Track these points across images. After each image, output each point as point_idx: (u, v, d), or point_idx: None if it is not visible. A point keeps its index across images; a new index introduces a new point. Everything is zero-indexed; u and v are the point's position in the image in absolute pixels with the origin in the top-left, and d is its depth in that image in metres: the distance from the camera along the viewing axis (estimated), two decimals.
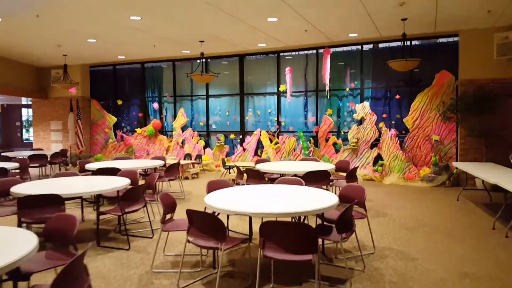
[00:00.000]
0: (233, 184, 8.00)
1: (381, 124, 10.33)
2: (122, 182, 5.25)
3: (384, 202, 7.65)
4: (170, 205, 4.39)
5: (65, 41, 10.11)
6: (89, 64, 14.03)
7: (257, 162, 8.09)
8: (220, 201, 3.98)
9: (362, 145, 10.49)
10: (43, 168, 11.10)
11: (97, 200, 5.33)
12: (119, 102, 13.89)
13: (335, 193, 4.59)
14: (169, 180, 7.67)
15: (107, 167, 6.83)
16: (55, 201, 4.32)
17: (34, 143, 15.11)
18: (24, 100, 20.52)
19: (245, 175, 7.17)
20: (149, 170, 8.01)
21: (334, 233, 3.87)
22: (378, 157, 10.34)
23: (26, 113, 22.44)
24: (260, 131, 11.78)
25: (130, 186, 5.33)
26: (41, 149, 12.80)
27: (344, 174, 7.30)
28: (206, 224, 3.61)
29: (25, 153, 11.09)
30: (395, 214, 6.65)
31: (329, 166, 6.90)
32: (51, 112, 14.57)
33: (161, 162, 7.88)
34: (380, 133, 10.33)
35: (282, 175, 6.84)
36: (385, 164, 10.16)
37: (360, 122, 10.62)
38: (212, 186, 5.16)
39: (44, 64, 13.74)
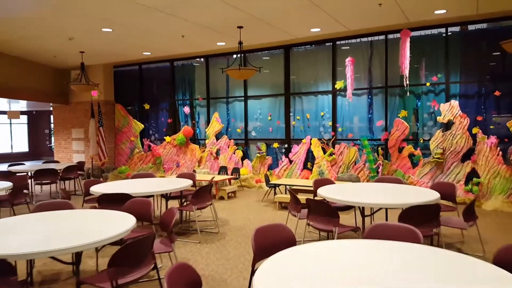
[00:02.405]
0: (281, 210, 5.81)
1: (476, 130, 7.82)
2: (116, 230, 3.19)
3: (495, 238, 5.17)
4: None
5: (76, 32, 8.34)
6: (112, 64, 12.35)
7: (316, 183, 5.88)
8: None
9: (450, 157, 8.00)
10: (55, 184, 9.37)
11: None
12: (146, 106, 12.10)
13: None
14: (198, 209, 5.59)
15: (115, 192, 4.92)
16: None
17: (55, 153, 13.64)
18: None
19: (292, 199, 5.00)
20: (171, 193, 6.02)
21: None
22: (473, 173, 7.82)
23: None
24: (311, 139, 9.54)
25: (131, 239, 3.29)
26: (56, 161, 11.17)
27: (444, 201, 5.03)
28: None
29: (30, 167, 9.41)
30: None
31: (432, 195, 4.56)
32: (72, 118, 13.01)
33: (188, 183, 5.82)
34: (474, 141, 7.82)
35: (361, 209, 4.63)
36: (483, 182, 7.63)
37: (447, 127, 8.14)
38: (262, 240, 3.04)
39: (63, 64, 12.17)
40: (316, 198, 5.91)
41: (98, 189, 5.42)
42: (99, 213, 3.93)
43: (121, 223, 3.45)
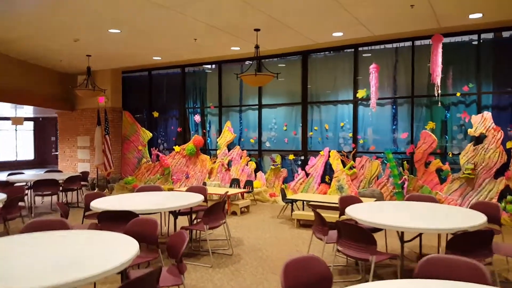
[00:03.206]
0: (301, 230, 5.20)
1: (510, 144, 7.17)
2: (116, 260, 2.61)
3: None
4: None
5: (81, 32, 7.88)
6: (121, 69, 11.90)
7: (342, 202, 5.27)
8: None
9: (482, 173, 7.34)
10: (56, 196, 8.83)
11: None
12: (155, 114, 11.60)
13: None
14: (210, 228, 4.99)
15: (117, 210, 4.37)
16: None
17: (59, 162, 13.16)
18: None
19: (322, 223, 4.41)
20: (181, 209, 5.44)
21: None
22: (507, 190, 7.16)
23: None
24: (329, 151, 8.93)
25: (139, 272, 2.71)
26: (59, 171, 10.67)
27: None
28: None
29: (30, 177, 8.89)
30: None
31: (478, 218, 3.93)
32: (78, 126, 12.54)
33: (199, 198, 5.24)
34: (509, 156, 7.16)
35: (400, 233, 4.04)
36: None
37: (478, 140, 7.49)
38: (294, 278, 2.50)
39: (69, 69, 11.75)
40: (342, 217, 5.31)
41: (99, 204, 4.86)
42: (97, 235, 3.36)
43: (122, 250, 2.88)
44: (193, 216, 5.80)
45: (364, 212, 4.25)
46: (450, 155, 7.77)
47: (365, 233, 3.73)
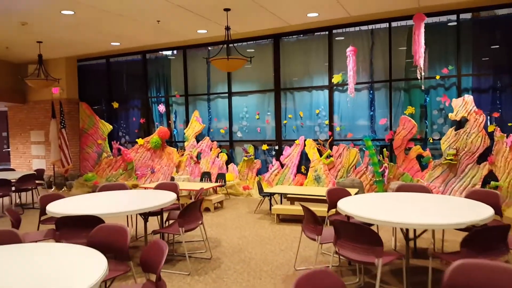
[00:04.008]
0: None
1: (492, 127, 7.01)
2: (85, 283, 2.01)
3: None
4: None
5: (29, 15, 6.94)
6: (76, 57, 10.91)
7: (331, 194, 4.85)
8: None
9: (464, 159, 7.16)
10: (8, 197, 7.90)
11: None
12: (115, 104, 10.74)
13: None
14: (186, 231, 4.41)
15: (78, 214, 3.73)
16: None
17: (12, 159, 12.05)
18: None
19: (325, 227, 3.96)
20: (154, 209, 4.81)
21: None
22: (490, 176, 7.01)
23: None
24: (305, 140, 8.52)
25: None
26: (11, 169, 9.64)
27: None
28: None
29: None
30: None
31: (486, 210, 3.60)
32: (31, 119, 11.47)
33: (172, 198, 4.63)
34: (491, 140, 7.00)
35: (405, 231, 3.65)
36: (502, 186, 6.83)
37: (460, 124, 7.30)
38: None
39: (19, 58, 10.64)
40: (331, 212, 4.90)
41: (56, 208, 4.16)
42: (55, 251, 2.70)
43: (86, 268, 2.28)
44: (164, 216, 5.20)
45: (358, 207, 3.83)
46: (431, 141, 7.55)
47: (370, 233, 3.29)
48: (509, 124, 7.03)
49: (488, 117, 7.17)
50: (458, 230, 3.79)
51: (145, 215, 4.84)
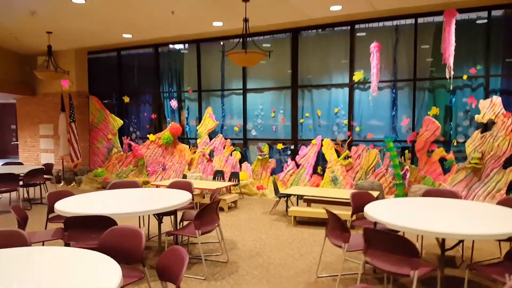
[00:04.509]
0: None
1: None
2: None
3: None
4: None
5: (39, 3, 6.70)
6: (87, 49, 10.68)
7: (355, 197, 4.56)
8: None
9: (490, 163, 6.80)
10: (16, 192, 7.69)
11: None
12: (126, 99, 10.50)
13: None
14: (203, 233, 4.13)
15: (88, 214, 3.48)
16: None
17: (20, 153, 11.88)
18: None
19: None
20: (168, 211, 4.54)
21: None
22: None
23: None
24: (322, 140, 8.20)
25: None
26: (20, 163, 9.44)
27: None
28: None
29: None
30: None
31: None
32: (40, 112, 11.27)
33: (187, 198, 4.36)
34: None
35: (441, 240, 3.36)
36: None
37: (486, 127, 6.94)
38: None
39: (28, 49, 10.43)
40: (354, 216, 4.59)
41: (65, 207, 3.91)
42: (63, 256, 2.44)
43: (99, 278, 2.01)
44: (178, 215, 4.94)
45: (389, 214, 3.53)
46: (455, 144, 7.20)
47: (405, 243, 2.99)
48: None
49: None
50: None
51: (159, 216, 4.58)
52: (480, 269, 3.25)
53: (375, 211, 3.68)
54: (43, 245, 4.01)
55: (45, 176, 8.21)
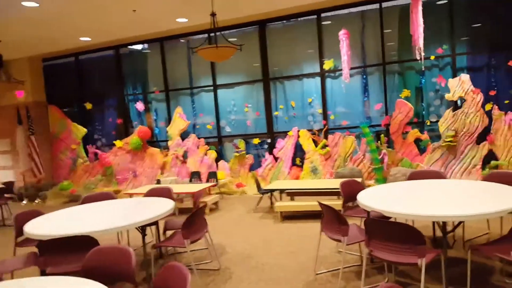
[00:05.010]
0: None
1: (490, 106, 6.81)
2: None
3: None
4: None
5: None
6: (41, 56, 10.04)
7: (345, 186, 4.48)
8: None
9: (464, 140, 6.93)
10: None
11: None
12: (88, 106, 9.98)
13: None
14: (192, 242, 3.89)
15: (65, 235, 3.19)
16: None
17: None
18: None
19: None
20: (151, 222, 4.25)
21: None
22: (490, 156, 6.82)
23: None
24: (298, 131, 8.10)
25: None
26: None
27: None
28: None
29: None
30: None
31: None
32: None
33: (170, 205, 4.10)
34: (490, 119, 6.79)
35: (441, 224, 3.34)
36: (502, 165, 6.65)
37: (456, 105, 7.06)
38: None
39: None
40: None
41: (36, 228, 3.56)
42: (43, 285, 2.16)
43: None
44: (164, 228, 4.66)
45: (384, 201, 3.47)
46: (428, 123, 7.29)
47: (410, 231, 2.90)
48: (506, 102, 6.86)
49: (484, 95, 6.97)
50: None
51: (142, 228, 4.29)
52: (483, 249, 3.21)
53: (369, 200, 3.59)
54: (12, 275, 3.64)
55: (6, 195, 7.65)
